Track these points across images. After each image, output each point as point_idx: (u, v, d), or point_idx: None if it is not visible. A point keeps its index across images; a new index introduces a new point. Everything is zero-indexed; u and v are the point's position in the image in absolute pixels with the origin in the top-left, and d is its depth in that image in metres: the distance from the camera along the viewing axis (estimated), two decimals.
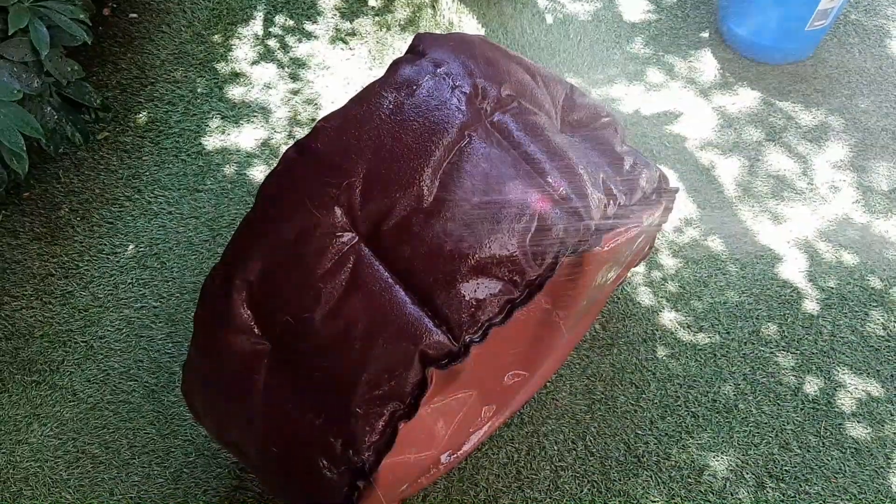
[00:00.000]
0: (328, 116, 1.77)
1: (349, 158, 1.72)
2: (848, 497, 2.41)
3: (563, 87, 2.07)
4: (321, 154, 1.74)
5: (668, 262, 2.87)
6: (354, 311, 1.68)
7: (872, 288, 2.79)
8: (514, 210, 1.70)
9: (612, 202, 1.86)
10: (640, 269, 2.85)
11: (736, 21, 3.35)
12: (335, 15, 3.57)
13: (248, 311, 1.78)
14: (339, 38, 3.50)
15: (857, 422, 2.53)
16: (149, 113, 3.21)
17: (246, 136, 3.17)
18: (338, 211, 1.71)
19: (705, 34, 3.51)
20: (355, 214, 1.71)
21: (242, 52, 3.42)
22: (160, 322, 2.72)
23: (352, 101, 1.80)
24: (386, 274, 1.70)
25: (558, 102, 2.04)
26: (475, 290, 1.67)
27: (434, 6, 3.62)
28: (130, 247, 2.88)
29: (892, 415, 2.54)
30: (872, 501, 2.40)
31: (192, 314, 2.71)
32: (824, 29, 3.27)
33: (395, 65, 1.86)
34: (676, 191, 2.20)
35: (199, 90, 3.29)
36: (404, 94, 1.79)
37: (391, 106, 1.78)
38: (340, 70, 3.40)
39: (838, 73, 3.38)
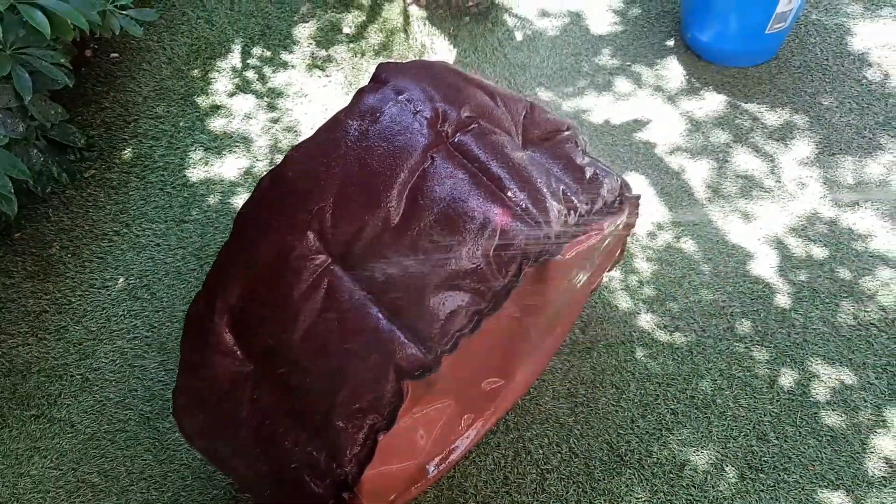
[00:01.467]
0: (298, 146, 1.87)
1: (319, 185, 1.81)
2: (826, 483, 2.48)
3: (523, 104, 2.16)
4: (292, 181, 1.83)
5: (643, 265, 2.96)
6: (330, 331, 1.76)
7: (842, 279, 2.88)
8: (478, 225, 1.79)
9: (572, 212, 1.95)
10: (617, 273, 2.94)
11: (699, 28, 3.46)
12: (311, 44, 3.68)
13: (231, 335, 1.86)
14: (316, 65, 3.60)
15: (832, 410, 2.61)
16: (133, 149, 3.31)
17: (228, 166, 3.26)
18: (310, 235, 1.80)
19: (670, 42, 3.61)
20: (327, 237, 1.80)
21: (222, 84, 3.52)
22: (152, 351, 2.80)
23: (320, 130, 1.89)
24: (359, 292, 1.78)
25: (519, 120, 2.13)
26: (444, 303, 1.76)
27: (406, 30, 3.73)
28: (121, 280, 2.96)
29: (865, 402, 2.62)
30: (850, 486, 2.47)
31: None
32: (784, 31, 3.37)
33: (360, 94, 1.96)
34: (638, 197, 2.29)
35: (181, 124, 3.39)
36: (368, 121, 1.88)
37: (357, 133, 1.87)
38: (318, 97, 3.50)
39: (801, 72, 3.48)
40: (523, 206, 1.85)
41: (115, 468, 2.58)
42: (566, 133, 2.22)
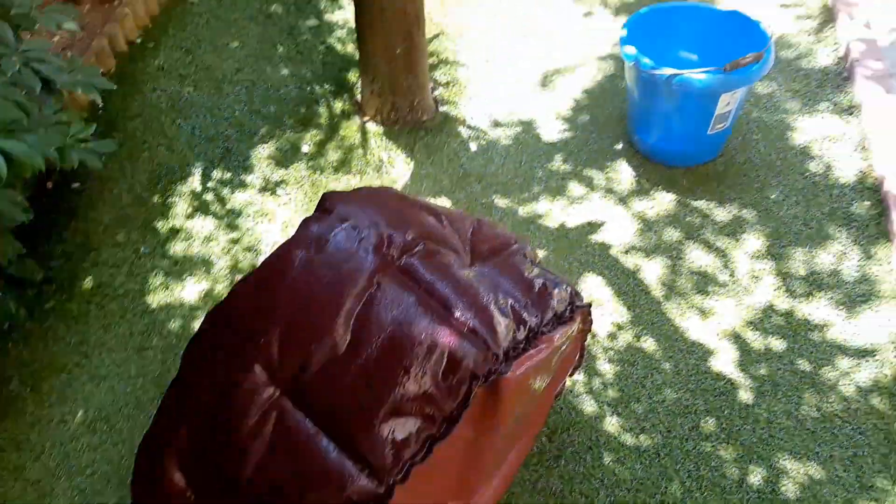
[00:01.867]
0: (243, 278, 1.89)
1: (264, 318, 1.83)
2: None
3: (470, 222, 2.21)
4: (237, 316, 1.85)
5: (606, 367, 2.97)
6: (280, 466, 1.74)
7: (802, 371, 2.90)
8: (425, 348, 1.81)
9: (521, 327, 1.97)
10: (580, 376, 2.94)
11: (644, 132, 3.59)
12: (270, 164, 3.76)
13: (182, 477, 1.83)
14: (275, 185, 3.67)
15: None
16: (94, 278, 3.32)
17: (189, 290, 3.27)
18: (257, 369, 1.80)
19: (618, 146, 3.73)
20: (274, 370, 1.81)
21: (181, 208, 3.57)
22: (112, 486, 2.73)
23: (265, 262, 1.92)
24: (308, 424, 1.77)
25: (467, 237, 2.18)
26: (394, 431, 1.75)
27: (364, 146, 3.83)
28: (80, 413, 2.92)
29: (835, 496, 2.59)
30: None
31: None
32: (727, 130, 3.51)
33: (305, 223, 2.00)
34: (589, 305, 2.32)
35: (141, 250, 3.41)
36: (314, 249, 1.92)
37: (303, 262, 1.90)
38: (279, 215, 3.55)
39: (746, 168, 3.60)
40: (471, 325, 1.87)
41: None
42: (514, 246, 2.27)
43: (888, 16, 4.34)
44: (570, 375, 2.73)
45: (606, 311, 3.12)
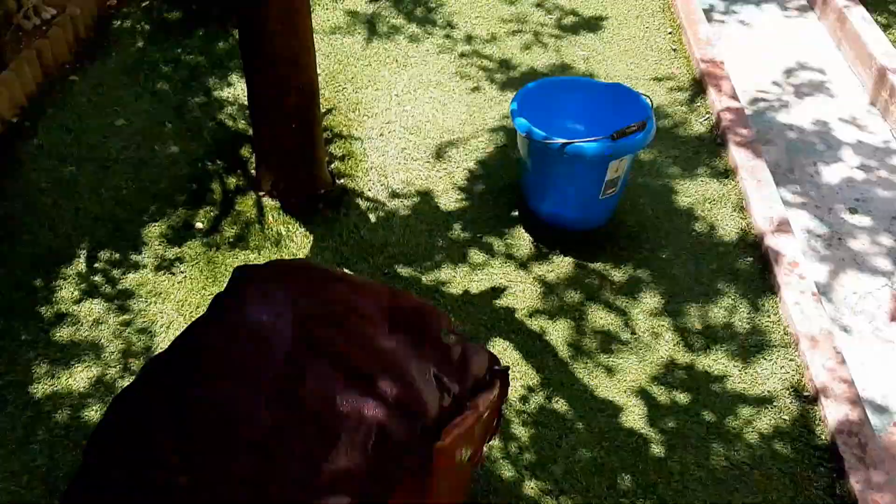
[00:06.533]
0: (130, 386, 1.78)
1: (171, 415, 1.72)
2: None
3: (384, 293, 2.19)
4: (129, 425, 1.73)
5: (520, 430, 2.96)
6: None
7: (708, 422, 2.99)
8: (352, 423, 1.75)
9: (445, 394, 1.95)
10: (497, 442, 2.92)
11: (538, 199, 3.70)
12: (161, 242, 3.62)
13: None
14: (168, 263, 3.53)
15: None
16: None
17: (78, 378, 3.06)
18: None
19: (515, 213, 3.83)
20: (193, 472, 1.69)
21: (67, 292, 3.37)
22: None
23: (174, 343, 1.82)
24: None
25: (384, 307, 2.15)
26: None
27: (261, 221, 3.76)
28: None
29: None
30: None
31: None
32: (616, 195, 3.66)
33: (217, 301, 1.92)
34: (507, 369, 2.32)
35: (23, 337, 3.18)
36: (228, 328, 1.84)
37: (216, 342, 1.82)
38: (174, 294, 3.40)
39: (637, 230, 3.76)
40: (397, 396, 1.83)
41: None
42: (431, 315, 2.25)
43: (751, 86, 4.72)
44: (488, 442, 2.70)
45: (517, 373, 3.13)
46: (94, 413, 2.95)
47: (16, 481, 2.75)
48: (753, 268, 3.57)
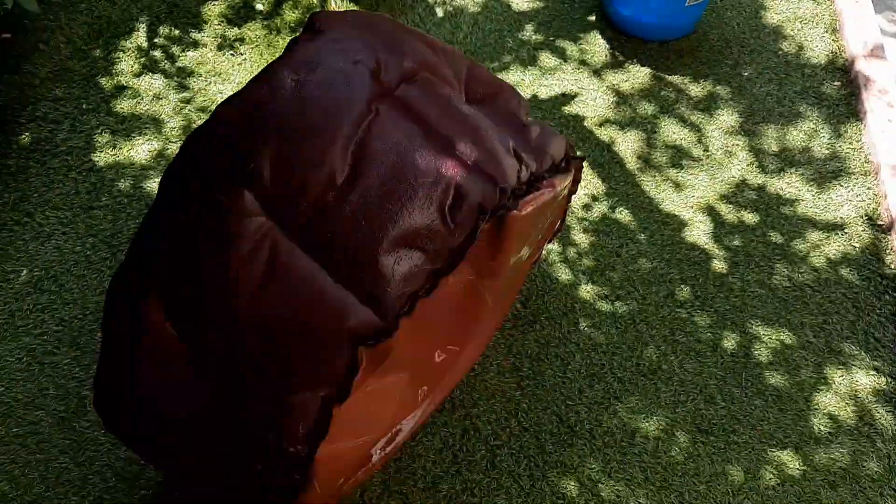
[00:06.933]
0: (228, 99, 1.71)
1: (252, 141, 1.66)
2: (774, 443, 2.48)
3: (464, 62, 2.06)
4: (222, 138, 1.67)
5: (581, 237, 2.91)
6: (275, 300, 1.61)
7: (775, 243, 2.91)
8: (430, 180, 1.68)
9: (524, 168, 1.86)
10: (555, 246, 2.88)
11: (620, 3, 3.45)
12: (221, 22, 3.48)
13: (162, 311, 1.69)
14: (228, 44, 3.41)
15: (775, 370, 2.62)
16: (32, 133, 3.04)
17: (139, 150, 3.04)
18: (247, 195, 1.65)
19: (592, 17, 3.59)
20: (266, 198, 1.65)
21: (127, 64, 3.29)
22: (64, 346, 2.56)
23: (251, 83, 1.74)
24: (305, 257, 1.64)
25: (462, 76, 2.03)
26: (398, 263, 1.64)
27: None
28: (24, 272, 2.71)
29: (806, 361, 2.64)
30: (797, 444, 2.48)
31: (98, 335, 2.57)
32: (702, 5, 3.40)
33: (293, 44, 1.81)
34: (584, 158, 2.23)
35: (84, 106, 3.14)
36: (304, 72, 1.75)
37: (292, 85, 1.73)
38: (233, 76, 3.31)
39: (720, 45, 3.52)
40: (476, 159, 1.75)
41: (27, 474, 2.34)
42: (509, 93, 2.14)
43: None
44: (550, 242, 2.66)
45: (582, 181, 3.03)
46: (155, 185, 2.95)
47: (81, 243, 2.79)
48: (839, 93, 3.35)
